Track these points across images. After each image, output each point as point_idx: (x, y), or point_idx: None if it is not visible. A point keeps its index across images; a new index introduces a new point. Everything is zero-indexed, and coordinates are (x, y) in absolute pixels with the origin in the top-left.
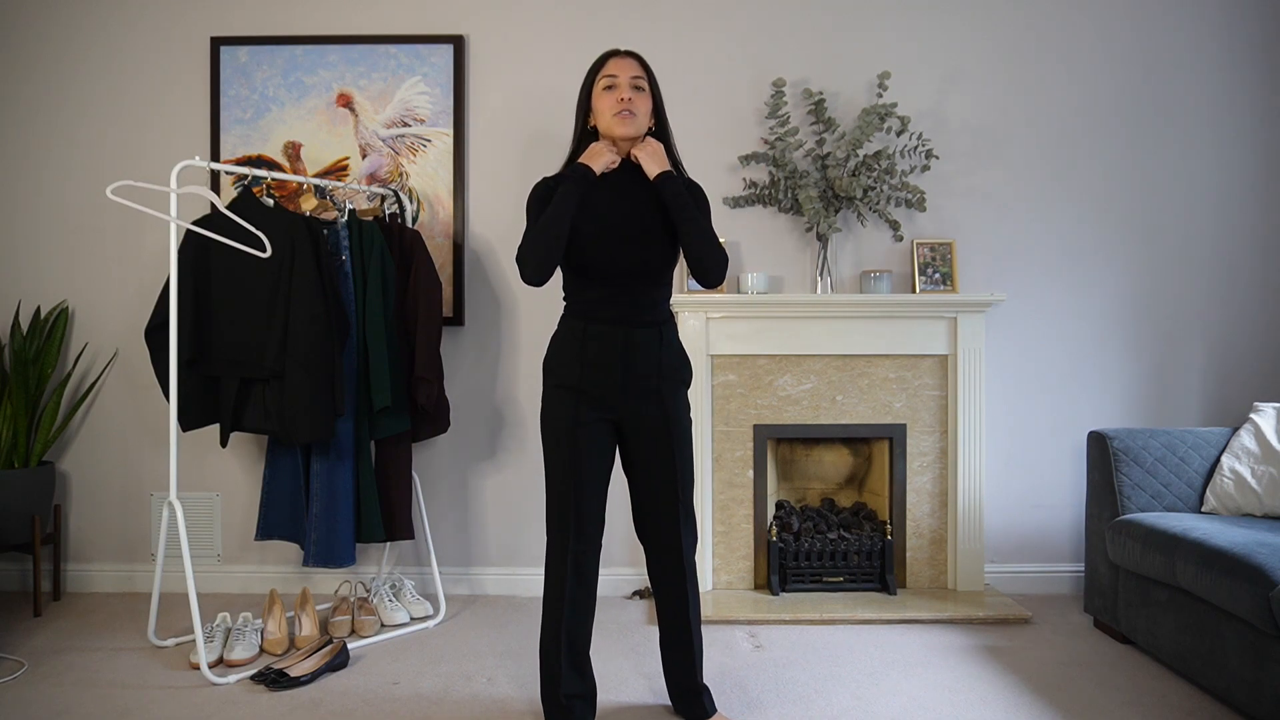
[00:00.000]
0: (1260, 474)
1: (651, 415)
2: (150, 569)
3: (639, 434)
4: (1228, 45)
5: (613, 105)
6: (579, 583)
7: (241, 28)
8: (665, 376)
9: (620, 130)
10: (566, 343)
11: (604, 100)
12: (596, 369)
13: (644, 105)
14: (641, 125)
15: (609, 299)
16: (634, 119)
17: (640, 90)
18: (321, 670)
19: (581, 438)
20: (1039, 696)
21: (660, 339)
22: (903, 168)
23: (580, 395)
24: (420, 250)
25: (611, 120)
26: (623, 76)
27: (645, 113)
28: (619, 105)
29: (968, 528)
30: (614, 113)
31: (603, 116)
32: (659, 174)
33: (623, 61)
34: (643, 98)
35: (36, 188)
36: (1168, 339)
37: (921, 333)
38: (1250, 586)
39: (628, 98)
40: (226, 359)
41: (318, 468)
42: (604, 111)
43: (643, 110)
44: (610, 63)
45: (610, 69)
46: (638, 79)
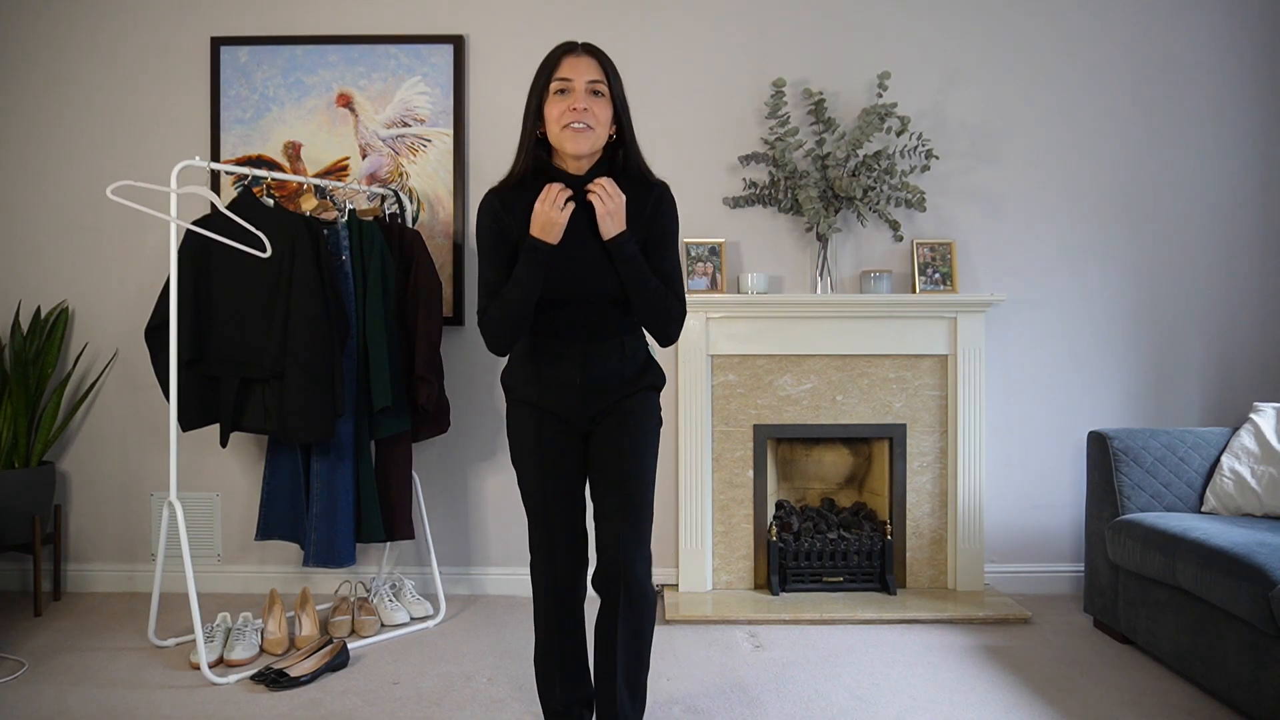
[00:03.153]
0: (1260, 474)
1: (611, 423)
2: (150, 569)
3: (599, 442)
4: (1228, 45)
5: (565, 115)
6: (562, 601)
7: (241, 28)
8: (628, 385)
9: (572, 147)
10: (523, 360)
11: (555, 107)
12: (554, 385)
13: (603, 114)
14: (599, 139)
15: (565, 319)
16: (589, 134)
17: (598, 96)
18: (321, 670)
19: (549, 456)
20: (1039, 696)
21: (621, 350)
22: (903, 168)
23: (542, 412)
24: (420, 250)
25: (562, 134)
26: (578, 81)
27: (604, 123)
28: (572, 115)
29: (968, 528)
30: (565, 124)
31: (553, 126)
32: (612, 238)
33: (579, 62)
34: (601, 104)
35: (37, 188)
36: (1168, 339)
37: (921, 333)
38: (1250, 586)
39: (582, 107)
40: (226, 359)
41: (318, 468)
42: (555, 121)
43: (601, 120)
44: (564, 63)
45: (564, 70)
46: (595, 83)
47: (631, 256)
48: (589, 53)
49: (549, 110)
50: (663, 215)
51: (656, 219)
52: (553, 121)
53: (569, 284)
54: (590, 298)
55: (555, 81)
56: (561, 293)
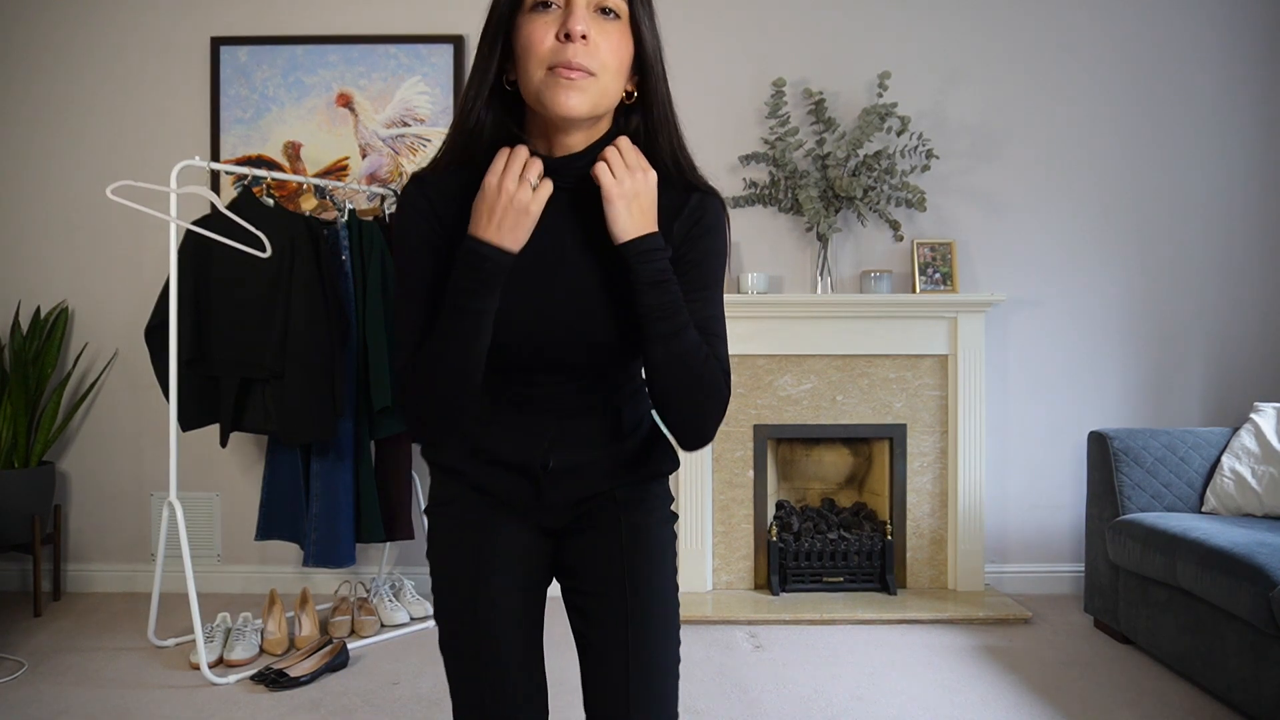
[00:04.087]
0: (1260, 474)
1: (601, 531)
2: (150, 569)
3: (583, 562)
4: (1228, 45)
5: (550, 47)
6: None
7: (241, 28)
8: (623, 472)
9: (561, 104)
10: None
11: (535, 30)
12: (503, 469)
13: (615, 50)
14: (606, 94)
15: (527, 386)
16: (589, 84)
17: (609, 17)
18: (321, 670)
19: (496, 583)
20: (1039, 696)
21: (617, 426)
22: (903, 168)
23: (488, 500)
24: None
25: (544, 81)
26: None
27: (615, 66)
28: (561, 51)
29: (968, 528)
30: (550, 64)
31: (528, 66)
32: (631, 240)
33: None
34: (614, 34)
35: (37, 188)
36: (1168, 339)
37: (921, 333)
38: (1250, 586)
39: (580, 32)
40: (226, 359)
41: (318, 468)
42: (530, 56)
43: (611, 60)
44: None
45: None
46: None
47: (659, 279)
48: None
49: (522, 36)
50: (706, 235)
51: (695, 240)
52: (528, 57)
53: (538, 331)
54: (573, 356)
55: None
56: (523, 347)
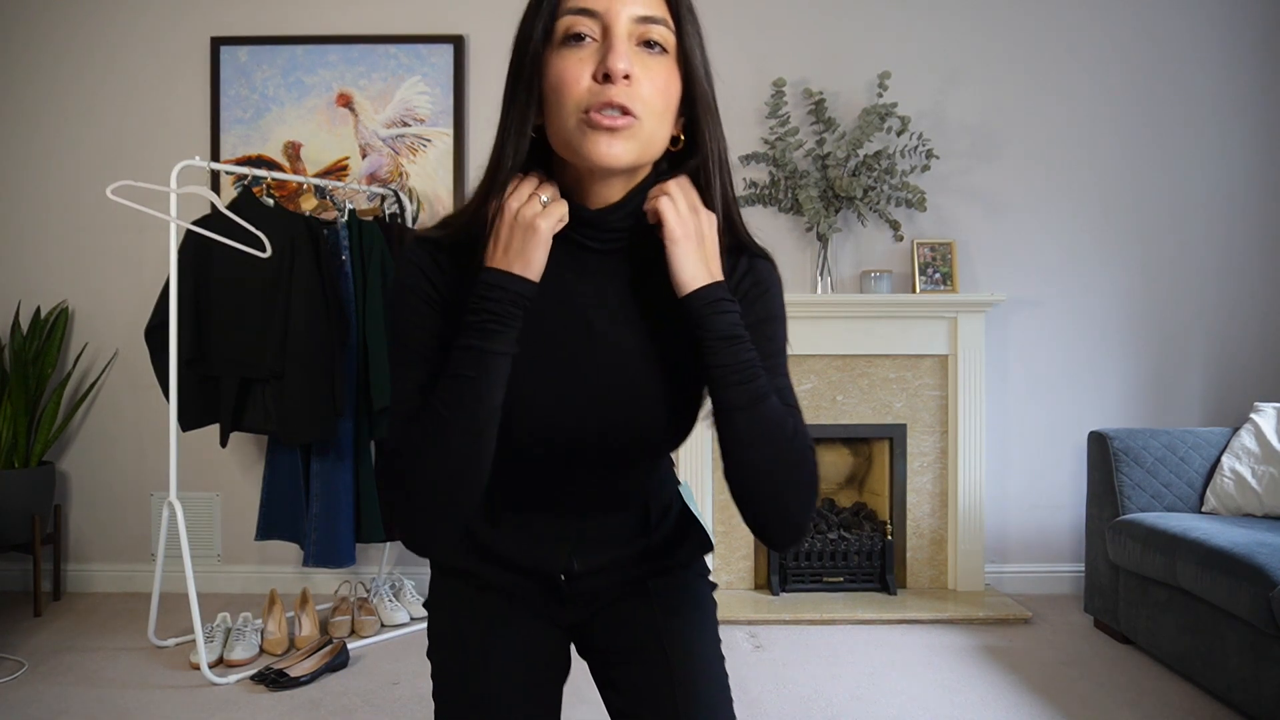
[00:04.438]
0: (1261, 474)
1: (633, 603)
2: (150, 569)
3: (612, 636)
4: (1229, 45)
5: (587, 88)
6: None
7: (241, 28)
8: (655, 565)
9: (600, 153)
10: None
11: (567, 68)
12: (517, 570)
13: (660, 88)
14: (651, 141)
15: (545, 483)
16: (631, 129)
17: (653, 50)
18: (321, 670)
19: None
20: (1039, 696)
21: (647, 517)
22: (903, 168)
23: (498, 594)
24: None
25: (578, 127)
26: (615, 13)
27: (660, 108)
28: (599, 92)
29: (968, 528)
30: (585, 108)
31: (560, 110)
32: (699, 290)
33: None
34: (658, 68)
35: (37, 188)
36: (1168, 339)
37: (921, 333)
38: (1250, 586)
39: (622, 69)
40: (226, 359)
41: (317, 468)
42: (564, 97)
43: (655, 101)
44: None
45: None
46: (648, 23)
47: (733, 333)
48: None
49: (552, 75)
50: (762, 299)
51: (750, 305)
52: (559, 100)
53: (565, 422)
54: (606, 447)
55: (568, 15)
56: (545, 440)
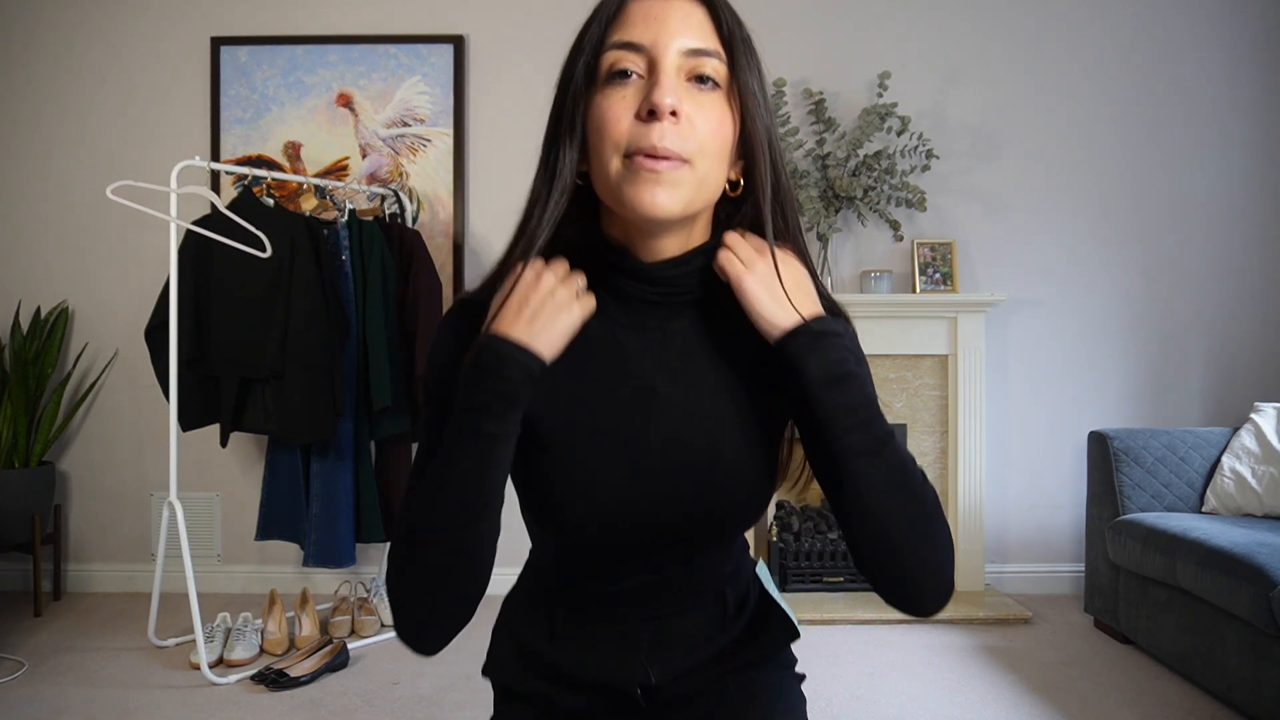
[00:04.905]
0: (1261, 474)
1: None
2: (150, 569)
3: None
4: (1229, 45)
5: (630, 128)
6: None
7: (241, 28)
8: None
9: (646, 201)
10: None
11: (609, 106)
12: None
13: (713, 129)
14: (704, 185)
15: (612, 579)
16: (682, 176)
17: (706, 86)
18: (321, 670)
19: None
20: (1039, 696)
21: (725, 609)
22: (903, 168)
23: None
24: (420, 250)
25: (621, 171)
26: (662, 46)
27: (717, 150)
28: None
29: (968, 528)
30: (628, 150)
31: (603, 155)
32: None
33: (668, 6)
34: (712, 106)
35: (37, 188)
36: (1168, 339)
37: (921, 333)
38: (1250, 586)
39: (669, 104)
40: (226, 359)
41: (317, 468)
42: (606, 140)
43: (711, 143)
44: (634, 4)
45: (632, 23)
46: (699, 56)
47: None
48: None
49: (594, 115)
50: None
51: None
52: (601, 141)
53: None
54: (679, 532)
55: (612, 50)
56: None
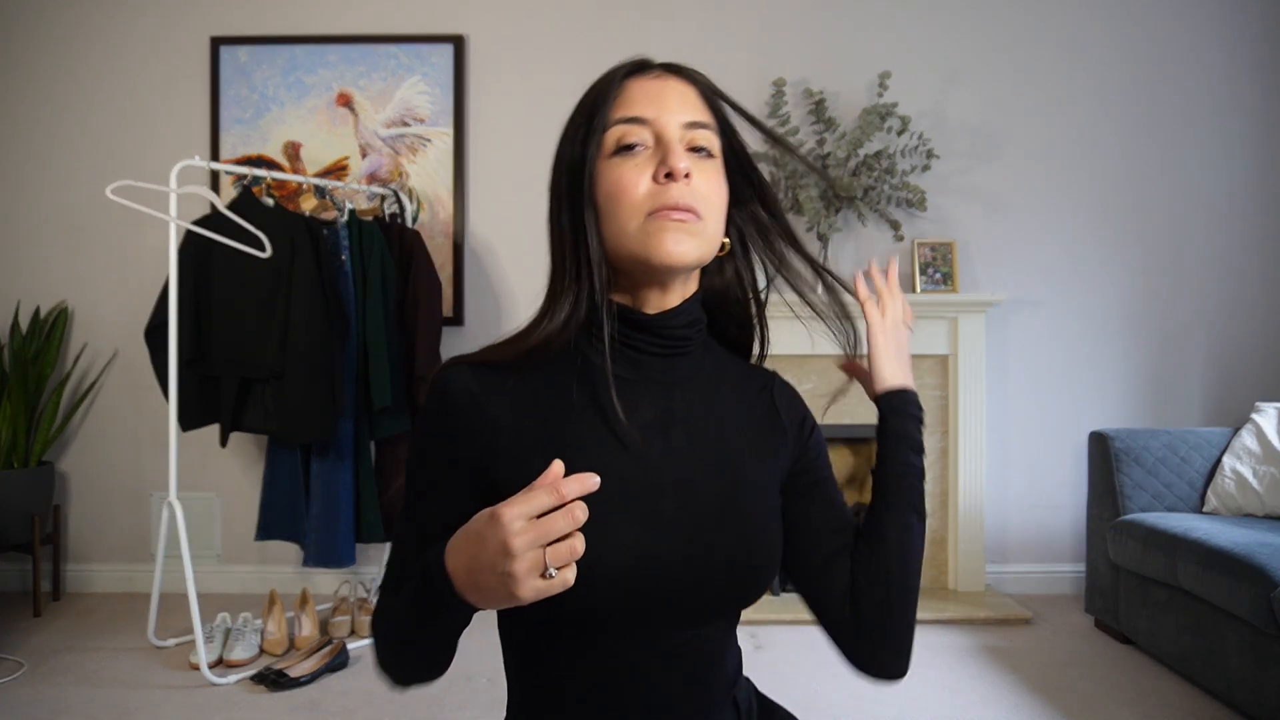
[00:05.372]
0: (1262, 474)
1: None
2: (150, 569)
3: None
4: (1229, 45)
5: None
6: None
7: (241, 28)
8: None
9: (670, 250)
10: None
11: (624, 174)
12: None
13: (715, 189)
14: (713, 239)
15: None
16: (698, 228)
17: (702, 155)
18: (321, 670)
19: None
20: (1039, 696)
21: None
22: (903, 167)
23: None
24: (420, 250)
25: (643, 227)
26: (665, 121)
27: (719, 208)
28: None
29: (968, 528)
30: (649, 210)
31: (620, 215)
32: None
33: (664, 87)
34: (712, 171)
35: (37, 187)
36: (1169, 339)
37: (922, 333)
38: (1251, 587)
39: (684, 168)
40: (226, 359)
41: (317, 468)
42: (625, 202)
43: (716, 201)
44: (631, 88)
45: (633, 100)
46: (698, 129)
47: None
48: (679, 74)
49: (607, 184)
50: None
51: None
52: (618, 205)
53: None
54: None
55: (617, 125)
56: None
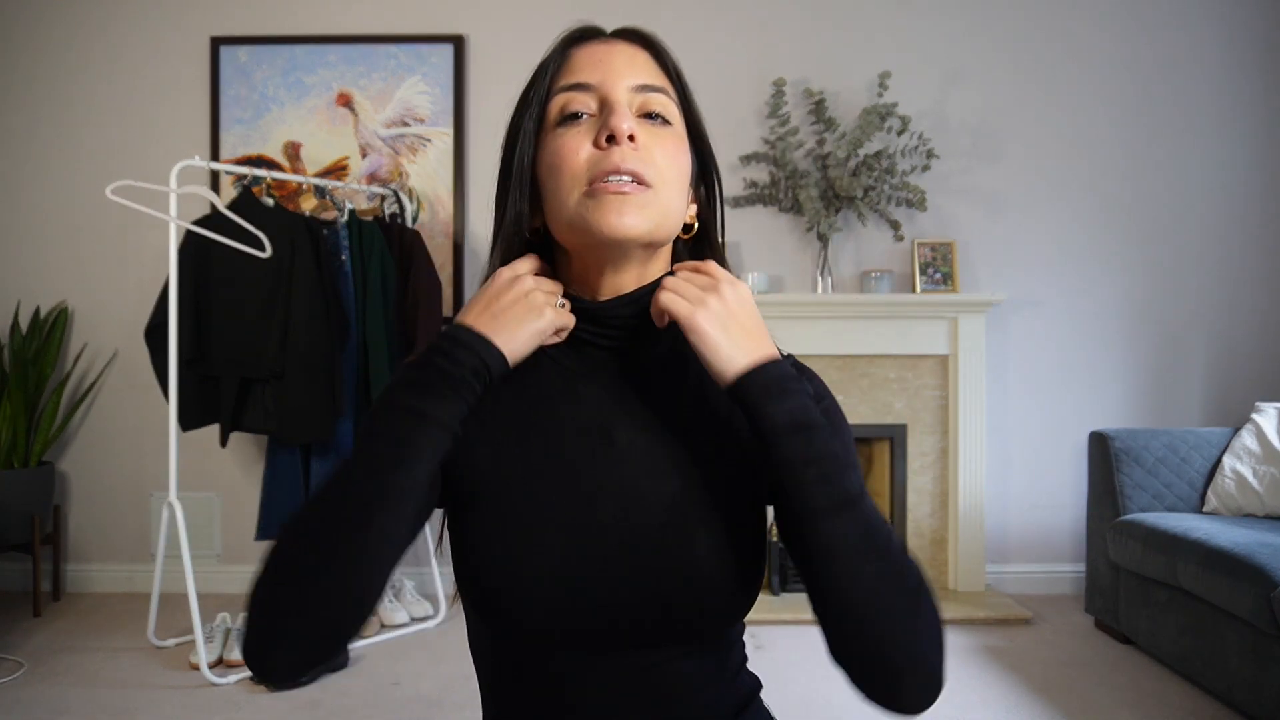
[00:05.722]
0: (1262, 474)
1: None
2: (150, 569)
3: None
4: (1229, 44)
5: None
6: None
7: (241, 28)
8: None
9: (613, 222)
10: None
11: (564, 142)
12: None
13: (670, 156)
14: (666, 210)
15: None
16: (644, 196)
17: (657, 122)
18: (321, 670)
19: None
20: (1040, 697)
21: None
22: (903, 167)
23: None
24: (420, 250)
25: (581, 200)
26: (611, 85)
27: (676, 179)
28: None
29: (968, 528)
30: (589, 178)
31: (561, 188)
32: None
33: (611, 51)
34: (668, 138)
35: (37, 188)
36: (1169, 339)
37: (922, 333)
38: (1251, 587)
39: (627, 128)
40: (226, 359)
41: (317, 468)
42: (564, 171)
43: (670, 171)
44: (578, 55)
45: (579, 67)
46: (650, 92)
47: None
48: (630, 39)
49: (548, 154)
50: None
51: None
52: (558, 176)
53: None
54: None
55: (560, 94)
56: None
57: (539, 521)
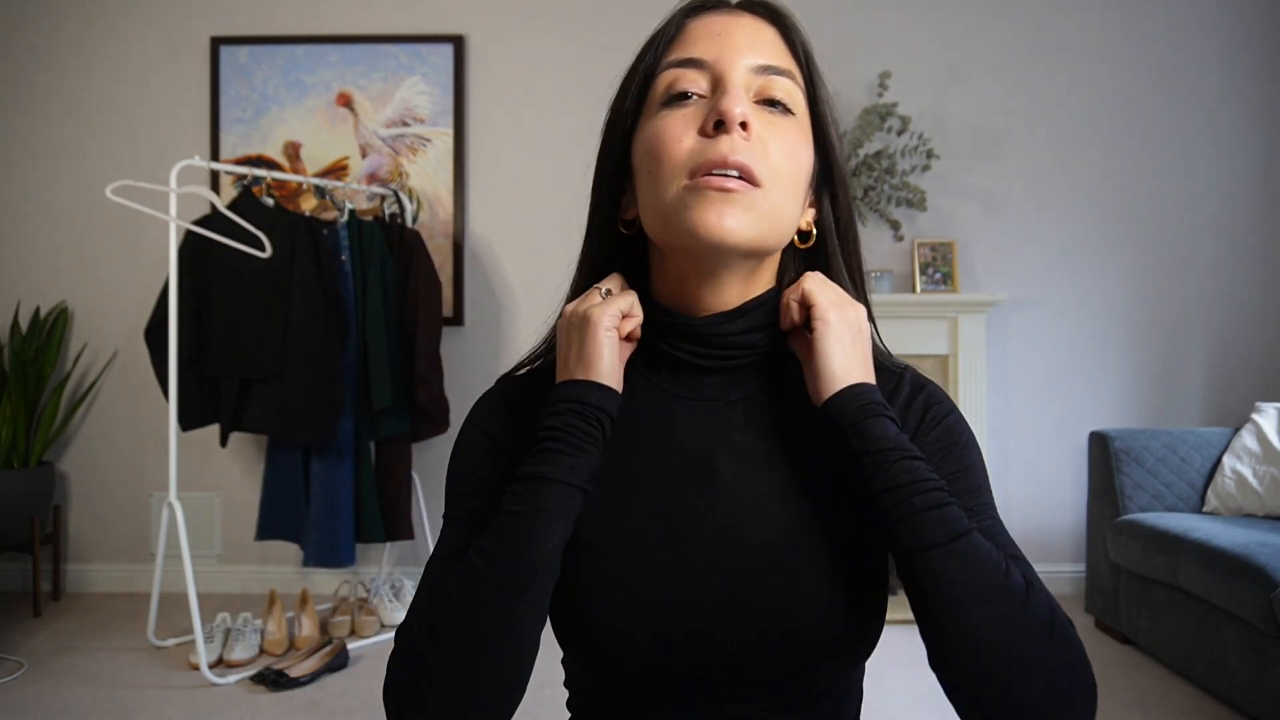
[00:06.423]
0: (1262, 474)
1: None
2: (150, 569)
3: None
4: (1228, 44)
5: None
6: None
7: (241, 28)
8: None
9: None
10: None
11: (667, 125)
12: None
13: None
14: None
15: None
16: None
17: (777, 110)
18: (321, 671)
19: None
20: None
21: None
22: (903, 167)
23: None
24: (420, 250)
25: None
26: (729, 60)
27: (792, 179)
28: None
29: None
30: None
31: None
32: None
33: (734, 23)
34: (787, 129)
35: (36, 188)
36: (1169, 339)
37: (922, 333)
38: (1252, 587)
39: (739, 113)
40: (226, 359)
41: (317, 468)
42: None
43: (786, 168)
44: (695, 27)
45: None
46: (773, 73)
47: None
48: (756, 11)
49: (646, 138)
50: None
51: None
52: (657, 164)
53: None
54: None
55: (668, 70)
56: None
57: (632, 562)
